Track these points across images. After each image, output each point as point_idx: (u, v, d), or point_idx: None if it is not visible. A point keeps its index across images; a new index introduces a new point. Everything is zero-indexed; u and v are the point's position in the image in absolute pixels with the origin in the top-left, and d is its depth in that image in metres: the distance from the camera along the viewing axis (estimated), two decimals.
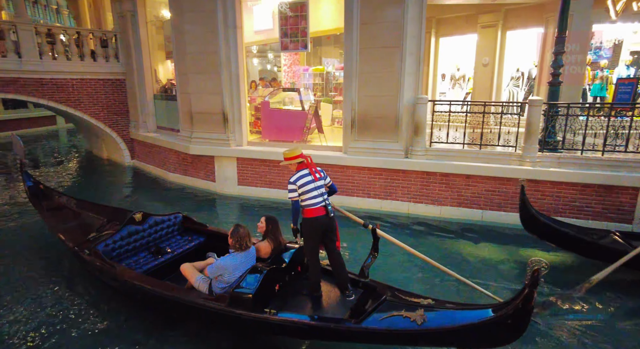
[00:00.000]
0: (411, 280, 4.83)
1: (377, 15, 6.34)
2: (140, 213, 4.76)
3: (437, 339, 2.92)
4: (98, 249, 4.19)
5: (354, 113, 6.85)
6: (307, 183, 3.50)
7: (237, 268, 3.47)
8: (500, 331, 2.65)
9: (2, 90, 8.95)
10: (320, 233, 3.59)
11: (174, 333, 3.80)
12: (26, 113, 18.42)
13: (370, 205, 6.99)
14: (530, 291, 2.38)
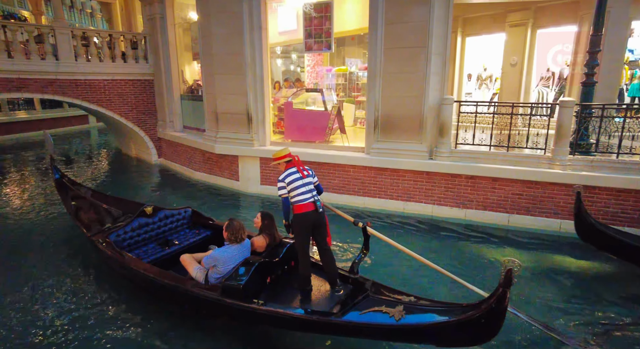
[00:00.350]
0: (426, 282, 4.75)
1: (403, 16, 6.27)
2: (151, 207, 5.02)
3: (414, 335, 2.98)
4: (110, 239, 4.47)
5: (377, 114, 6.80)
6: (295, 180, 3.65)
7: (230, 260, 3.64)
8: (474, 330, 2.67)
9: (41, 90, 9.40)
10: (310, 228, 3.70)
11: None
12: (61, 113, 19.28)
13: (393, 207, 6.92)
14: (504, 291, 2.40)
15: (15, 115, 17.03)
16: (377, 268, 5.01)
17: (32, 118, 17.48)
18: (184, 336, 3.76)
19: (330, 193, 7.40)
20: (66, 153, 14.17)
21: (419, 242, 5.85)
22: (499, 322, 2.57)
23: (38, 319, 3.99)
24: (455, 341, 2.88)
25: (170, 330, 3.84)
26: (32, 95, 9.47)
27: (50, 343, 3.64)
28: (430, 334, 2.87)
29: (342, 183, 7.28)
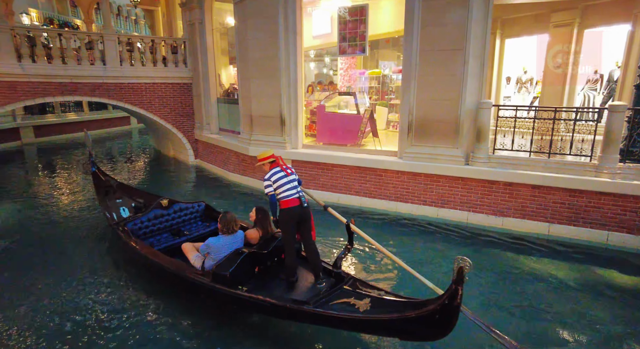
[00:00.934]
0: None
1: (439, 18, 6.14)
2: (167, 200, 5.50)
3: (375, 327, 3.11)
4: (127, 227, 4.96)
5: (411, 117, 6.69)
6: (280, 179, 3.89)
7: (222, 248, 3.96)
8: (430, 325, 2.75)
9: (90, 93, 10.00)
10: (296, 222, 3.92)
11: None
12: (106, 115, 20.41)
13: (426, 212, 6.78)
14: (456, 288, 2.46)
15: (66, 116, 18.19)
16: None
17: (81, 119, 18.62)
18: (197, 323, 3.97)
19: (361, 198, 7.37)
20: (109, 152, 14.98)
21: (453, 250, 5.69)
22: (452, 318, 2.62)
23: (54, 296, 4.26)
24: (413, 334, 2.99)
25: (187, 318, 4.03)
26: (82, 98, 10.09)
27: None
28: (389, 327, 2.99)
29: (374, 187, 7.22)
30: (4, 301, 4.34)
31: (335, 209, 4.47)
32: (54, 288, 4.61)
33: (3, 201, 8.28)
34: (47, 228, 6.64)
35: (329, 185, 7.74)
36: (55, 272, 5.01)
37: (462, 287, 2.45)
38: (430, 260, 5.40)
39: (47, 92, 9.47)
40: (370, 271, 5.12)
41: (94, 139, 17.86)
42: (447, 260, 5.39)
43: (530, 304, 4.32)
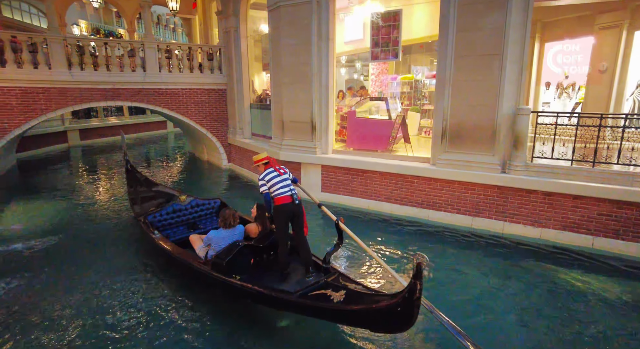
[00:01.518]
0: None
1: (476, 22, 6.00)
2: (185, 195, 5.94)
3: (346, 318, 3.31)
4: (148, 219, 5.42)
5: (445, 123, 6.55)
6: (273, 178, 4.21)
7: (222, 240, 4.32)
8: (393, 317, 2.89)
9: (131, 99, 10.51)
10: (289, 218, 4.21)
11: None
12: (144, 119, 21.37)
13: (460, 221, 6.59)
14: (415, 283, 2.60)
15: (108, 120, 19.20)
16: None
17: (121, 123, 19.58)
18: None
19: (392, 204, 7.27)
20: (147, 155, 15.64)
21: (488, 260, 5.50)
22: (412, 311, 2.75)
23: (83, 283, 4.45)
24: (379, 326, 3.15)
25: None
26: (123, 103, 10.61)
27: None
28: (356, 317, 3.19)
29: (405, 194, 7.10)
30: (50, 295, 4.60)
31: (366, 215, 4.46)
32: (94, 283, 4.84)
33: (51, 199, 8.82)
34: (88, 225, 7.00)
35: (358, 191, 7.69)
36: (95, 267, 5.26)
37: (420, 282, 2.58)
38: (464, 270, 5.23)
39: (93, 97, 10.04)
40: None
41: (133, 142, 18.83)
42: (481, 270, 5.21)
43: (573, 321, 4.10)
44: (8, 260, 5.48)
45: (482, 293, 4.66)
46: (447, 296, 4.56)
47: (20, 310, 4.25)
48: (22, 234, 6.51)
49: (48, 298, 4.50)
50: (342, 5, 9.08)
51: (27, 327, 3.95)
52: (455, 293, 4.64)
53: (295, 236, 4.35)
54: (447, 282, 4.92)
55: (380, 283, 4.89)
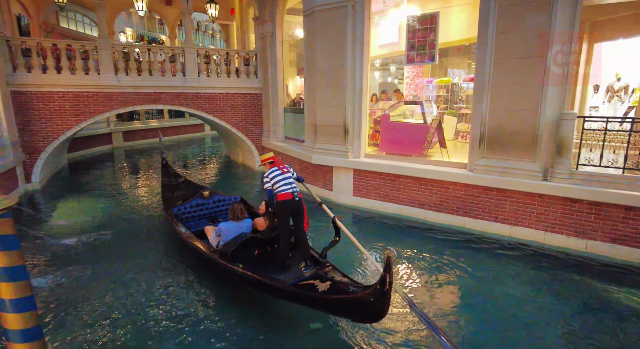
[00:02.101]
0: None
1: (518, 23, 5.77)
2: (208, 191, 6.40)
3: (325, 306, 3.57)
4: (173, 211, 5.94)
5: (483, 128, 6.34)
6: (276, 176, 4.57)
7: (230, 232, 4.73)
8: (367, 307, 3.12)
9: (171, 102, 10.97)
10: (289, 213, 4.55)
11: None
12: (183, 122, 22.23)
13: (497, 230, 6.34)
14: (384, 275, 2.85)
15: (149, 123, 20.13)
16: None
17: (161, 125, 20.47)
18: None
19: (426, 211, 7.11)
20: (185, 156, 16.23)
21: (528, 272, 5.25)
22: (384, 302, 2.98)
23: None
24: (356, 315, 3.37)
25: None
26: (164, 106, 11.09)
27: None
28: (336, 306, 3.45)
29: (440, 200, 6.93)
30: (92, 289, 4.86)
31: (399, 221, 4.44)
32: (133, 279, 5.07)
33: (97, 197, 9.36)
34: (130, 221, 7.37)
35: (391, 196, 7.59)
36: (135, 263, 5.51)
37: (390, 274, 2.83)
38: (502, 281, 5.02)
39: (136, 101, 10.57)
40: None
41: (172, 144, 19.58)
42: (521, 281, 4.98)
43: (626, 345, 3.80)
44: (59, 254, 5.85)
45: (521, 306, 4.44)
46: (484, 307, 4.39)
47: (68, 301, 4.52)
48: (71, 229, 6.94)
49: (93, 291, 4.76)
50: (378, 8, 9.02)
51: (73, 319, 4.20)
52: (492, 304, 4.46)
53: (295, 231, 4.67)
54: (484, 292, 4.74)
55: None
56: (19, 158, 9.16)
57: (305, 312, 4.20)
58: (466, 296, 4.71)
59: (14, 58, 9.20)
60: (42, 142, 9.75)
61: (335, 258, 4.78)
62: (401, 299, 4.13)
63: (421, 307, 4.38)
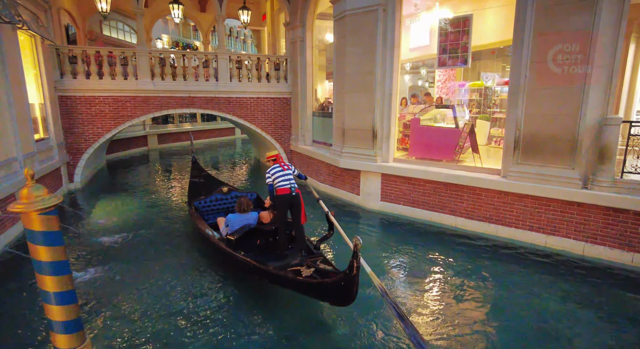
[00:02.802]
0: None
1: (557, 24, 5.54)
2: (227, 187, 7.00)
3: (304, 289, 3.94)
4: (194, 204, 6.55)
5: (518, 133, 6.11)
6: (276, 172, 5.06)
7: (236, 223, 5.24)
8: (339, 290, 3.44)
9: (204, 106, 11.30)
10: (287, 206, 5.04)
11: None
12: (215, 125, 22.82)
13: (532, 239, 6.08)
14: (352, 261, 3.18)
15: (182, 126, 20.81)
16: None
17: (194, 129, 21.12)
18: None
19: (456, 217, 6.94)
20: (216, 159, 16.64)
21: (566, 285, 4.99)
22: (352, 286, 3.30)
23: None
24: (332, 298, 3.72)
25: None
26: (196, 110, 11.43)
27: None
28: (311, 290, 3.83)
29: (472, 207, 6.74)
30: (127, 285, 5.06)
31: (428, 228, 4.39)
32: (165, 277, 5.24)
33: (132, 197, 9.76)
34: (163, 221, 7.61)
35: (420, 201, 7.45)
36: (168, 263, 5.69)
37: (357, 261, 3.15)
38: (537, 293, 4.80)
39: (170, 104, 10.96)
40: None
41: (204, 147, 20.14)
42: (558, 294, 4.74)
43: None
44: (97, 251, 6.14)
45: (559, 320, 4.22)
46: (517, 319, 4.21)
47: (104, 297, 4.73)
48: (109, 228, 7.27)
49: (128, 288, 4.95)
50: (409, 11, 8.94)
51: (108, 313, 4.38)
52: (526, 317, 4.26)
53: (292, 223, 5.13)
54: (517, 303, 4.55)
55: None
56: (63, 159, 9.72)
57: (333, 317, 4.19)
58: (497, 307, 4.53)
59: (61, 65, 9.80)
60: (84, 144, 10.30)
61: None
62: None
63: (448, 317, 4.27)
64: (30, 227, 2.40)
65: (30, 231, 2.41)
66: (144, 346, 3.80)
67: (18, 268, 5.46)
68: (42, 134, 8.98)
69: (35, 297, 4.64)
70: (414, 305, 4.52)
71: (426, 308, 4.47)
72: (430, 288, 4.98)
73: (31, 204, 2.34)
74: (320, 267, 4.25)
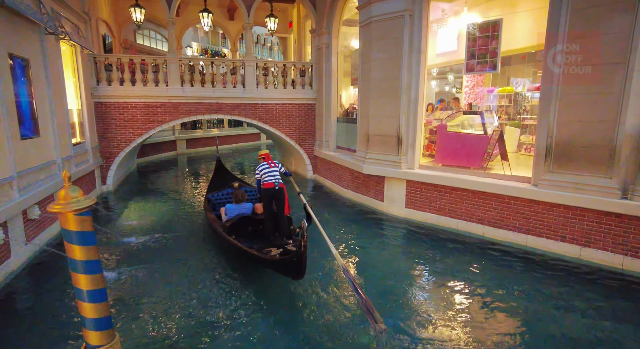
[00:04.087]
0: None
1: (594, 27, 5.32)
2: (237, 183, 7.83)
3: (269, 266, 4.81)
4: (208, 197, 7.58)
5: (550, 141, 5.89)
6: (264, 169, 5.97)
7: (231, 212, 6.21)
8: (292, 266, 4.20)
9: (231, 112, 11.54)
10: (271, 199, 5.89)
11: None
12: (241, 131, 23.25)
13: (565, 250, 5.82)
14: (300, 241, 3.95)
15: (210, 131, 21.32)
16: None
17: (221, 134, 21.59)
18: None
19: (484, 226, 6.74)
20: (241, 164, 16.92)
21: (606, 301, 4.73)
22: (301, 262, 4.03)
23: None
24: (289, 273, 4.42)
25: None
26: (224, 116, 11.68)
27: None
28: (271, 265, 4.75)
29: (500, 216, 6.53)
30: (154, 286, 5.19)
31: (454, 236, 4.35)
32: (191, 279, 5.35)
33: (161, 199, 10.05)
34: (191, 225, 7.79)
35: (446, 209, 7.29)
36: (194, 265, 5.81)
37: (304, 239, 3.93)
38: (574, 307, 4.57)
39: (199, 110, 11.26)
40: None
41: (230, 151, 20.54)
42: (598, 310, 4.50)
43: None
44: (126, 252, 6.35)
45: (598, 340, 4.00)
46: (550, 336, 4.02)
47: (131, 296, 4.87)
48: (138, 229, 7.51)
49: (154, 288, 5.08)
50: (436, 17, 8.84)
51: (135, 312, 4.51)
52: (560, 334, 4.06)
53: (276, 213, 5.89)
54: (550, 319, 4.34)
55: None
56: (97, 162, 10.15)
57: (360, 323, 4.14)
58: (530, 323, 4.33)
59: (98, 72, 10.28)
60: (117, 148, 10.72)
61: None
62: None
63: (475, 329, 4.13)
64: (67, 227, 2.50)
65: (66, 230, 2.51)
66: (167, 346, 3.88)
67: (57, 266, 5.71)
68: (79, 138, 9.42)
69: (72, 294, 4.84)
70: (441, 316, 4.40)
71: (453, 320, 4.34)
72: (457, 299, 4.84)
73: (68, 205, 2.45)
74: (288, 248, 5.09)
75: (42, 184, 6.51)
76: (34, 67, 6.55)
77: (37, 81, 6.68)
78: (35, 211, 6.07)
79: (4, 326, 4.21)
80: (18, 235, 5.62)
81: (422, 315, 4.41)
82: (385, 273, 5.61)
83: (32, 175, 6.28)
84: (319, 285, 5.08)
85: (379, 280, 5.36)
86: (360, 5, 8.41)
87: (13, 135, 5.64)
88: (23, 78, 6.22)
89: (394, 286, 5.16)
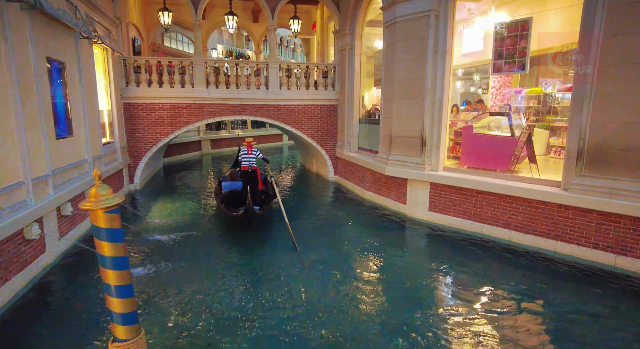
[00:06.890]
0: None
1: (634, 25, 5.07)
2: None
3: (237, 219, 6.84)
4: (219, 179, 9.54)
5: (582, 143, 5.65)
6: (243, 155, 8.29)
7: (226, 187, 8.21)
8: (245, 219, 6.54)
9: (254, 113, 11.69)
10: (246, 178, 8.04)
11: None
12: (264, 131, 23.52)
13: (598, 257, 5.57)
14: (248, 201, 6.29)
15: (234, 132, 21.67)
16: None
17: (244, 135, 21.88)
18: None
19: (510, 231, 6.54)
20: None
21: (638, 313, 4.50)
22: (250, 215, 6.39)
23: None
24: (245, 225, 6.61)
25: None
26: (247, 117, 11.85)
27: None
28: (239, 219, 6.71)
29: (527, 220, 6.32)
30: (178, 282, 5.31)
31: (479, 241, 4.20)
32: (215, 276, 5.44)
33: (186, 198, 10.29)
34: (215, 223, 7.93)
35: (471, 213, 7.12)
36: (217, 263, 5.91)
37: (250, 202, 6.27)
38: (607, 320, 4.36)
39: (223, 111, 11.46)
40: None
41: None
42: (629, 321, 4.28)
43: None
44: (152, 249, 6.53)
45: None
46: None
47: (156, 292, 5.00)
48: (164, 227, 7.71)
49: (179, 285, 5.20)
50: (462, 16, 8.64)
51: (160, 308, 4.62)
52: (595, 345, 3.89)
53: (251, 188, 6.86)
54: (584, 331, 4.15)
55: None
56: (125, 162, 10.49)
57: (389, 327, 4.09)
58: (562, 336, 4.17)
59: (127, 74, 10.64)
60: (144, 148, 11.05)
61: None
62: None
63: (503, 338, 4.00)
64: (97, 224, 2.60)
65: (96, 227, 2.60)
66: (189, 343, 3.95)
67: (88, 261, 5.93)
68: (109, 138, 9.76)
69: (100, 289, 5.01)
70: (469, 328, 4.29)
71: (479, 328, 4.23)
72: (483, 306, 4.71)
73: (98, 203, 2.54)
74: (252, 210, 6.49)
75: (74, 182, 6.79)
76: (69, 69, 6.84)
77: (71, 83, 6.98)
78: (68, 207, 6.34)
79: (38, 318, 4.40)
80: (52, 231, 5.88)
81: (449, 324, 4.32)
82: (409, 277, 5.52)
83: (66, 173, 6.56)
84: (331, 282, 5.17)
85: (402, 284, 5.29)
86: (385, 5, 8.35)
87: (49, 134, 5.91)
88: (59, 81, 6.50)
89: (418, 289, 5.08)
